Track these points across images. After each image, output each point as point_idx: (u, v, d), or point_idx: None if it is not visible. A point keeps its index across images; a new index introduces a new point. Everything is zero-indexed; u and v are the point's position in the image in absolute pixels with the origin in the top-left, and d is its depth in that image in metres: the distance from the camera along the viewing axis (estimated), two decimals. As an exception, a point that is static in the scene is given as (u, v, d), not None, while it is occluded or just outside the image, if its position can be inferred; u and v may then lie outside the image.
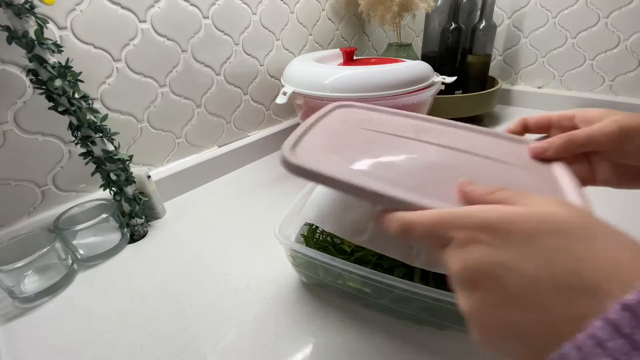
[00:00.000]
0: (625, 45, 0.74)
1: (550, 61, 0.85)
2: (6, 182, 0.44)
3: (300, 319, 0.36)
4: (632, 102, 0.77)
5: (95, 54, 0.47)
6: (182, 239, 0.50)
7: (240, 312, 0.37)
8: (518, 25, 0.86)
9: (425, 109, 0.59)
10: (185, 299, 0.39)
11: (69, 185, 0.50)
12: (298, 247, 0.34)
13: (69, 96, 0.41)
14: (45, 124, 0.45)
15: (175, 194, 0.61)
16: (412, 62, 0.56)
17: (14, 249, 0.41)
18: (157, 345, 0.34)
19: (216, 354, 0.33)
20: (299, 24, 0.75)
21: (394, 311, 0.34)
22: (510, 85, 0.93)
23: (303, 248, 0.34)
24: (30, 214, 0.47)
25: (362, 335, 0.34)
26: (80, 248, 0.45)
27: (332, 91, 0.52)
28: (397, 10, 0.71)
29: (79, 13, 0.45)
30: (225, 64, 0.64)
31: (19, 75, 0.42)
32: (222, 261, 0.45)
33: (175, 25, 0.55)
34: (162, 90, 0.56)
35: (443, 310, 0.29)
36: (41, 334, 0.37)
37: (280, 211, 0.39)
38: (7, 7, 0.35)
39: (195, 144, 0.64)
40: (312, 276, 0.37)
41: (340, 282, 0.34)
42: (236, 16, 0.63)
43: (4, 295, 0.40)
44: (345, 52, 0.64)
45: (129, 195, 0.48)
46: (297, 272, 0.39)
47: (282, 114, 0.78)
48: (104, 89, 0.49)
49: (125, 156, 0.47)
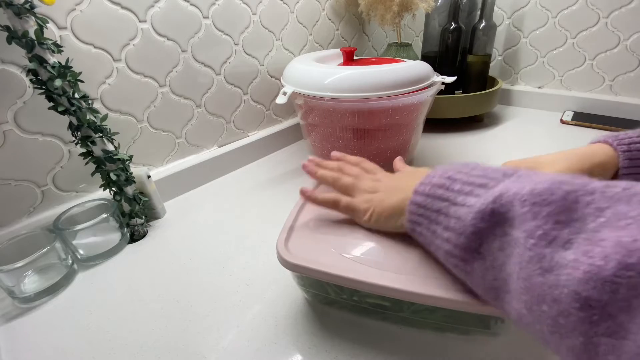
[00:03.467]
0: (625, 45, 0.74)
1: (550, 61, 0.85)
2: (6, 182, 0.44)
3: (300, 318, 0.36)
4: (632, 102, 0.77)
5: (95, 54, 0.47)
6: (182, 239, 0.50)
7: (240, 312, 0.37)
8: (518, 25, 0.86)
9: (425, 109, 0.59)
10: (185, 299, 0.39)
11: (69, 185, 0.50)
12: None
13: (69, 96, 0.41)
14: (45, 124, 0.45)
15: (175, 194, 0.61)
16: (412, 62, 0.56)
17: (14, 249, 0.41)
18: (157, 345, 0.34)
19: (216, 354, 0.33)
20: (299, 24, 0.75)
21: (410, 320, 0.33)
22: (510, 85, 0.93)
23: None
24: (30, 214, 0.47)
25: (362, 335, 0.34)
26: (80, 248, 0.45)
27: (332, 91, 0.52)
28: (397, 10, 0.71)
29: (79, 13, 0.45)
30: (225, 64, 0.64)
31: (19, 75, 0.42)
32: (222, 261, 0.45)
33: (175, 25, 0.55)
34: (162, 90, 0.56)
35: (468, 316, 0.29)
36: (41, 334, 0.37)
37: (280, 211, 0.39)
38: (7, 7, 0.35)
39: (195, 144, 0.64)
40: (318, 294, 0.36)
41: (356, 299, 0.33)
42: (236, 16, 0.63)
43: (4, 295, 0.40)
44: (345, 52, 0.64)
45: (129, 195, 0.48)
46: (302, 290, 0.37)
47: (282, 114, 0.78)
48: (104, 89, 0.49)
49: (125, 156, 0.47)
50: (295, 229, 0.35)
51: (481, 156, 0.67)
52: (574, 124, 0.78)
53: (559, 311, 0.17)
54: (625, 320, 0.15)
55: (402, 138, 0.59)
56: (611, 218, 0.17)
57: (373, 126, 0.56)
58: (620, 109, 0.77)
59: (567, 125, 0.79)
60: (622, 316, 0.15)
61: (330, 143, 0.61)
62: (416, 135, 0.62)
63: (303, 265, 0.30)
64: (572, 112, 0.81)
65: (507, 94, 0.93)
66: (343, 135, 0.58)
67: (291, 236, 0.34)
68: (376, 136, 0.58)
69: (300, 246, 0.33)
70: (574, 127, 0.78)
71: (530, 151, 0.41)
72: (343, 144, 0.59)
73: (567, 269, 0.17)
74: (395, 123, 0.56)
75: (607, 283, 0.15)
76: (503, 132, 0.78)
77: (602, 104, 0.80)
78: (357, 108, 0.53)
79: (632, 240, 0.15)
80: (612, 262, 0.15)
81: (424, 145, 0.72)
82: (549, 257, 0.18)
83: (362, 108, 0.53)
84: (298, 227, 0.35)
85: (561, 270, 0.17)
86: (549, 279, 0.17)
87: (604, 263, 0.16)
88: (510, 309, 0.21)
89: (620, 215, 0.17)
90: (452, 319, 0.31)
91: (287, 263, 0.31)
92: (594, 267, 0.16)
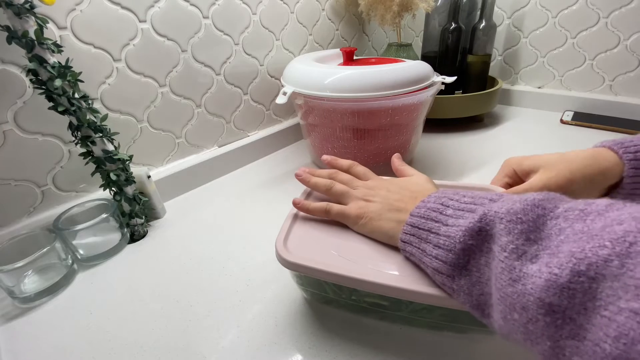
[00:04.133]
0: (625, 45, 0.74)
1: (550, 61, 0.85)
2: (6, 182, 0.44)
3: (300, 318, 0.36)
4: (632, 102, 0.77)
5: (95, 53, 0.47)
6: (182, 239, 0.50)
7: (240, 312, 0.37)
8: (518, 25, 0.86)
9: (425, 109, 0.59)
10: (185, 299, 0.39)
11: (69, 185, 0.50)
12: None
13: (69, 96, 0.41)
14: (45, 124, 0.45)
15: (175, 194, 0.61)
16: (412, 62, 0.56)
17: (14, 249, 0.41)
18: (157, 345, 0.34)
19: (216, 354, 0.33)
20: (299, 24, 0.75)
21: (408, 319, 0.34)
22: (510, 85, 0.93)
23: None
24: (30, 214, 0.47)
25: (361, 334, 0.34)
26: (80, 248, 0.45)
27: (332, 91, 0.52)
28: (397, 10, 0.71)
29: (79, 13, 0.45)
30: (225, 64, 0.64)
31: (19, 75, 0.42)
32: (222, 261, 0.45)
33: (175, 25, 0.55)
34: (162, 90, 0.56)
35: (465, 315, 0.29)
36: (41, 334, 0.37)
37: (280, 211, 0.39)
38: (7, 7, 0.35)
39: (195, 144, 0.64)
40: (317, 293, 0.36)
41: (355, 298, 0.33)
42: (236, 16, 0.63)
43: (4, 295, 0.40)
44: (345, 52, 0.64)
45: (129, 195, 0.48)
46: (301, 289, 0.37)
47: (282, 114, 0.78)
48: (104, 89, 0.49)
49: (125, 156, 0.47)
50: (294, 228, 0.35)
51: (481, 156, 0.67)
52: (574, 124, 0.78)
53: (528, 318, 0.19)
54: (583, 322, 0.17)
55: (402, 138, 0.59)
56: (569, 235, 0.19)
57: (373, 126, 0.56)
58: (620, 109, 0.77)
59: (567, 125, 0.79)
60: (580, 319, 0.17)
61: (330, 143, 0.61)
62: (416, 135, 0.62)
63: (302, 264, 0.30)
64: (572, 112, 0.81)
65: (507, 94, 0.93)
66: (343, 135, 0.58)
67: (290, 235, 0.34)
68: (376, 136, 0.58)
69: (299, 245, 0.33)
70: (574, 127, 0.78)
71: (530, 151, 0.41)
72: (343, 144, 0.59)
73: (532, 278, 0.19)
74: (395, 123, 0.56)
75: (565, 289, 0.17)
76: (503, 132, 0.78)
77: (602, 104, 0.80)
78: (357, 108, 0.53)
79: (581, 250, 0.18)
80: (566, 270, 0.18)
81: (424, 145, 0.72)
82: (517, 269, 0.20)
83: (362, 108, 0.53)
84: (297, 227, 0.36)
85: (527, 279, 0.19)
86: (518, 288, 0.20)
87: (559, 271, 0.18)
88: (492, 321, 0.23)
89: (576, 232, 0.19)
90: (450, 318, 0.31)
91: (285, 262, 0.31)
92: (552, 275, 0.18)
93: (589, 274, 0.17)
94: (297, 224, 0.36)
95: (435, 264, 0.25)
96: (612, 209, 0.19)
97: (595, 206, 0.20)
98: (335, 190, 0.37)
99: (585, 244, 0.18)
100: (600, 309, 0.16)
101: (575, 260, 0.17)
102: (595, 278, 0.17)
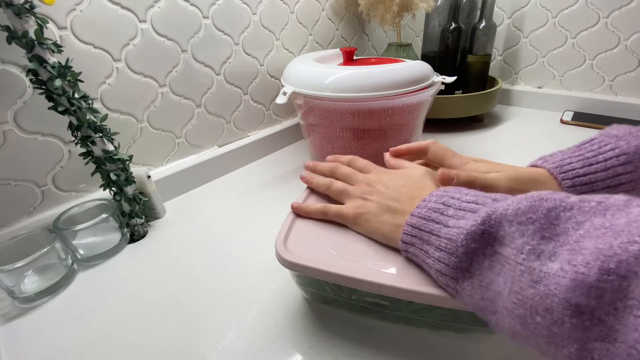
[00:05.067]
0: (625, 45, 0.74)
1: (550, 61, 0.85)
2: (6, 182, 0.44)
3: (300, 318, 0.36)
4: (632, 102, 0.77)
5: (95, 53, 0.47)
6: (182, 239, 0.50)
7: (240, 312, 0.37)
8: (518, 25, 0.86)
9: (425, 109, 0.59)
10: (185, 299, 0.39)
11: (69, 185, 0.50)
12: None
13: (69, 96, 0.41)
14: (45, 124, 0.45)
15: (175, 194, 0.61)
16: (412, 62, 0.56)
17: (14, 249, 0.41)
18: (157, 345, 0.34)
19: (216, 354, 0.33)
20: (299, 24, 0.75)
21: (408, 319, 0.33)
22: (510, 85, 0.93)
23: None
24: (30, 214, 0.47)
25: (361, 334, 0.34)
26: (80, 248, 0.45)
27: (332, 91, 0.52)
28: (397, 10, 0.71)
29: (79, 13, 0.45)
30: (225, 64, 0.64)
31: (19, 75, 0.42)
32: (222, 261, 0.45)
33: (175, 25, 0.55)
34: (162, 90, 0.56)
35: (465, 314, 0.29)
36: (41, 334, 0.37)
37: (280, 211, 0.39)
38: (7, 7, 0.35)
39: (195, 144, 0.64)
40: (317, 293, 0.36)
41: (355, 298, 0.33)
42: (236, 16, 0.63)
43: (4, 295, 0.40)
44: (345, 52, 0.64)
45: (129, 195, 0.48)
46: (301, 289, 0.37)
47: (282, 114, 0.78)
48: (104, 89, 0.49)
49: (125, 156, 0.47)
50: (294, 228, 0.35)
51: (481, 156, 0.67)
52: (574, 124, 0.78)
53: (553, 320, 0.18)
54: (614, 323, 0.16)
55: (402, 138, 0.59)
56: (589, 229, 0.18)
57: (373, 126, 0.56)
58: (620, 109, 0.77)
59: (567, 125, 0.79)
60: (610, 319, 0.16)
61: (330, 143, 0.61)
62: (416, 135, 0.62)
63: (301, 263, 0.30)
64: (572, 112, 0.81)
65: (507, 94, 0.93)
66: (343, 135, 0.58)
67: (290, 235, 0.34)
68: (376, 136, 0.58)
69: (299, 245, 0.33)
70: (574, 127, 0.78)
71: (530, 151, 0.41)
72: (343, 144, 0.59)
73: (555, 278, 0.18)
74: (395, 123, 0.56)
75: (593, 288, 0.16)
76: (503, 132, 0.78)
77: (602, 104, 0.80)
78: (357, 108, 0.53)
79: (609, 247, 0.17)
80: (593, 268, 0.17)
81: (424, 145, 0.72)
82: (537, 270, 0.19)
83: (362, 108, 0.53)
84: (297, 226, 0.36)
85: (550, 280, 0.18)
86: (540, 290, 0.19)
87: (586, 270, 0.17)
88: (500, 329, 0.22)
89: (597, 227, 0.18)
90: (450, 318, 0.31)
91: (285, 262, 0.31)
92: (579, 274, 0.17)
93: (619, 272, 0.16)
94: (297, 224, 0.36)
95: (438, 266, 0.25)
96: (632, 205, 0.19)
97: (613, 200, 0.19)
98: (334, 189, 0.37)
99: (612, 240, 0.17)
100: (634, 308, 0.15)
101: (604, 257, 0.16)
102: (626, 276, 0.16)
